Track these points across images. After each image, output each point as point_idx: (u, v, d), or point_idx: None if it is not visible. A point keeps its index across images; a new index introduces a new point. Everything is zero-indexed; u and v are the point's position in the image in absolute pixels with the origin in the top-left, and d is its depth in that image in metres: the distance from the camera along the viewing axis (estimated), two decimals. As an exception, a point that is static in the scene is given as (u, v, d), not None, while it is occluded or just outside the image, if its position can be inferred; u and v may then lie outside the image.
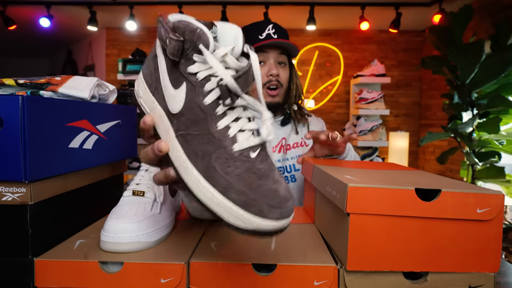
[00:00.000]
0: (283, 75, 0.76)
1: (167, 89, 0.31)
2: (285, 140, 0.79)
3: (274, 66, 0.74)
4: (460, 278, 0.39)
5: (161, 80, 0.32)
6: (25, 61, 4.37)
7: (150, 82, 0.34)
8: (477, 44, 1.49)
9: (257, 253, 0.42)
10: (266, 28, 0.74)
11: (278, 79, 0.75)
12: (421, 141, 1.73)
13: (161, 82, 0.32)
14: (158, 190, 0.47)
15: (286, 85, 0.78)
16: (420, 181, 0.42)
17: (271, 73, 0.74)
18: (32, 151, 0.40)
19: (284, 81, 0.77)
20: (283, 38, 0.74)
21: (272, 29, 0.74)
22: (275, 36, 0.73)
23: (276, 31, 0.74)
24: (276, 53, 0.75)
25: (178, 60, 0.30)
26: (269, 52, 0.74)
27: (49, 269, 0.40)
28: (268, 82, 0.75)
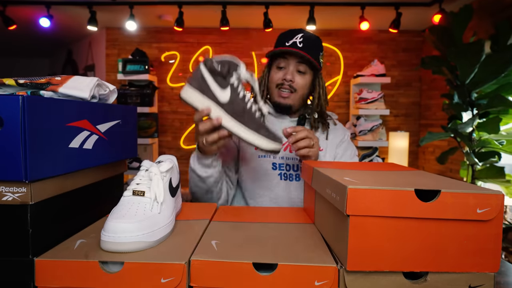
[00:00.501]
0: (299, 82, 0.81)
1: (218, 90, 0.60)
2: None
3: (290, 72, 0.80)
4: (460, 278, 0.39)
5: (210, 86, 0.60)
6: (25, 61, 4.37)
7: (200, 88, 0.60)
8: (477, 44, 1.49)
9: (257, 252, 0.42)
10: (295, 36, 0.79)
11: (292, 85, 0.80)
12: (421, 141, 1.73)
13: (211, 87, 0.60)
14: (158, 190, 0.47)
15: (302, 92, 0.83)
16: (420, 182, 0.42)
17: (285, 78, 0.79)
18: (32, 151, 0.40)
19: (300, 88, 0.81)
20: (308, 48, 0.79)
21: (301, 38, 0.79)
22: (300, 45, 0.78)
23: (303, 40, 0.79)
24: (295, 61, 0.80)
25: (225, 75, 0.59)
26: (289, 59, 0.80)
27: (50, 269, 0.40)
28: (281, 84, 0.80)
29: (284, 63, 0.80)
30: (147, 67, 2.55)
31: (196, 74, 0.60)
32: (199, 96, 0.59)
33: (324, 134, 0.87)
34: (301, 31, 0.81)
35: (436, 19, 2.26)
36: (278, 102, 0.82)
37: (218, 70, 0.58)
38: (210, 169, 0.73)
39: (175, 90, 3.01)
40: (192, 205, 0.67)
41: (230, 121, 0.59)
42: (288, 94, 0.81)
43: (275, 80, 0.82)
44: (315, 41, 0.82)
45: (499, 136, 1.67)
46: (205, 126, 0.60)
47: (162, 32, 2.97)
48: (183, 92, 0.61)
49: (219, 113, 0.59)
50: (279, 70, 0.82)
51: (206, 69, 0.60)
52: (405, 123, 3.02)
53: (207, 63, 0.60)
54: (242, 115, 0.59)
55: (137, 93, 2.56)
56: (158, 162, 0.53)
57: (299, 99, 0.83)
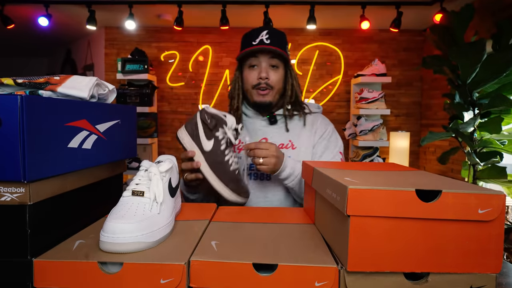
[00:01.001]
0: (274, 78, 0.82)
1: (204, 140, 0.69)
2: (265, 140, 0.84)
3: (264, 69, 0.80)
4: (462, 278, 0.39)
5: (199, 134, 0.69)
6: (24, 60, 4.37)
7: (191, 133, 0.70)
8: (478, 43, 1.49)
9: (257, 253, 0.41)
10: (260, 34, 0.80)
11: (268, 82, 0.81)
12: (422, 141, 1.72)
13: (199, 135, 0.69)
14: (158, 190, 0.47)
15: (279, 86, 0.84)
16: (421, 182, 0.42)
17: (260, 76, 0.80)
18: (31, 151, 0.40)
19: (275, 83, 0.82)
20: (276, 42, 0.80)
21: (266, 34, 0.80)
22: (267, 42, 0.79)
23: (269, 36, 0.80)
24: (267, 57, 0.81)
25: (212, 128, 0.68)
26: (260, 56, 0.81)
27: (48, 269, 0.39)
28: (258, 84, 0.81)
29: (256, 61, 0.81)
30: (146, 66, 2.55)
31: (192, 120, 0.71)
32: (189, 140, 0.69)
33: (301, 121, 0.87)
34: (266, 28, 0.82)
35: (437, 18, 2.26)
36: (258, 101, 0.83)
37: (208, 122, 0.68)
38: (195, 194, 0.79)
39: (174, 90, 3.00)
40: (191, 206, 0.66)
41: (207, 168, 0.68)
42: (266, 92, 0.81)
43: (250, 81, 0.82)
44: (280, 35, 0.83)
45: (501, 136, 1.66)
46: (186, 166, 0.69)
47: (161, 32, 2.97)
48: (179, 131, 0.71)
49: (200, 158, 0.68)
50: (252, 69, 0.82)
51: (200, 119, 0.70)
52: (406, 123, 3.01)
53: (202, 114, 0.70)
54: (218, 166, 0.68)
55: (136, 93, 2.56)
56: (158, 162, 0.53)
57: (276, 94, 0.84)
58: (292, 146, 0.85)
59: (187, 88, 3.00)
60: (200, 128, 0.69)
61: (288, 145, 0.85)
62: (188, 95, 3.01)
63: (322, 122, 0.89)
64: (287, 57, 0.82)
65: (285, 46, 0.83)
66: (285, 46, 0.84)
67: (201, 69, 2.98)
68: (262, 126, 0.87)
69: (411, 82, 3.00)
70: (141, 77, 2.57)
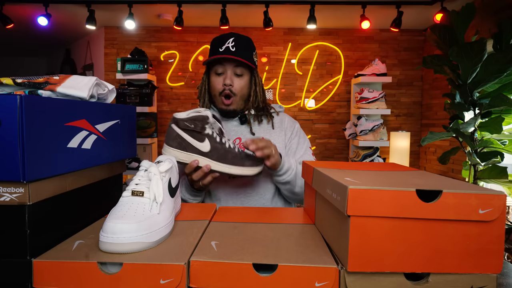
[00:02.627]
0: (238, 85, 0.85)
1: (198, 144, 0.68)
2: (239, 140, 0.87)
3: (228, 77, 0.83)
4: (462, 279, 0.39)
5: (191, 143, 0.68)
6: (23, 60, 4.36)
7: (180, 147, 0.68)
8: (479, 43, 1.48)
9: (257, 253, 0.41)
10: (227, 41, 0.82)
11: (231, 89, 0.84)
12: (422, 141, 1.72)
13: (192, 143, 0.68)
14: (157, 190, 0.47)
15: (242, 93, 0.86)
16: (421, 182, 0.42)
17: (224, 83, 0.84)
18: (30, 151, 0.39)
19: (239, 91, 0.85)
20: (241, 50, 0.83)
21: (232, 42, 0.82)
22: (233, 49, 0.82)
23: (235, 44, 0.82)
24: (232, 65, 0.84)
25: (200, 130, 0.68)
26: (226, 64, 0.83)
27: (48, 270, 0.39)
28: (223, 90, 0.84)
29: (222, 69, 0.84)
30: (146, 66, 2.54)
31: (172, 134, 0.68)
32: (183, 154, 0.67)
33: (270, 125, 0.91)
34: (232, 35, 0.84)
35: (438, 18, 2.25)
36: (223, 108, 0.87)
37: (192, 127, 0.67)
38: (199, 197, 0.81)
39: (174, 90, 3.00)
40: (191, 206, 0.66)
41: (217, 165, 0.68)
42: (230, 101, 0.85)
43: (216, 88, 0.86)
44: (246, 42, 0.86)
45: (502, 136, 1.66)
46: (198, 175, 0.69)
47: (161, 31, 2.96)
48: (166, 152, 0.68)
49: (205, 161, 0.68)
50: (218, 76, 0.85)
51: (180, 129, 0.67)
52: (407, 123, 3.01)
53: (180, 123, 0.67)
54: (225, 157, 0.69)
55: (136, 93, 2.56)
56: (157, 162, 0.53)
57: (240, 100, 0.87)
58: None
59: (187, 88, 3.00)
60: (187, 137, 0.67)
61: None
62: (188, 95, 3.01)
63: (289, 121, 0.94)
64: (251, 66, 0.84)
65: (250, 53, 0.86)
66: (251, 53, 0.86)
67: (201, 69, 2.98)
68: (234, 126, 0.90)
69: (412, 82, 2.99)
70: (140, 77, 2.57)
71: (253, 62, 0.85)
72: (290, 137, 0.91)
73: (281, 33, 2.94)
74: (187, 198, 0.80)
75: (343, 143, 2.99)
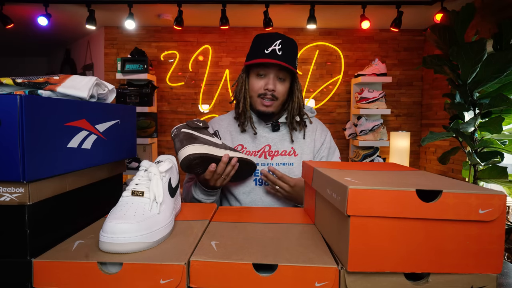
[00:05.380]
0: (280, 90, 0.83)
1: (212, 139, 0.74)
2: (269, 147, 0.86)
3: (271, 82, 0.81)
4: (462, 279, 0.39)
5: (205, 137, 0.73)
6: (23, 60, 4.36)
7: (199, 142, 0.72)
8: (479, 43, 1.48)
9: (257, 253, 0.41)
10: (274, 43, 0.79)
11: (274, 94, 0.82)
12: (422, 141, 1.72)
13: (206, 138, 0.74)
14: (157, 190, 0.47)
15: (283, 98, 0.85)
16: (421, 182, 0.42)
17: (267, 87, 0.81)
18: (30, 151, 0.39)
19: (281, 95, 0.83)
20: (287, 55, 0.80)
21: (279, 45, 0.79)
22: (279, 53, 0.79)
23: (282, 47, 0.79)
24: (276, 69, 0.81)
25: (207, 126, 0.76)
26: (270, 67, 0.81)
27: (48, 270, 0.39)
28: (264, 94, 0.82)
29: (264, 71, 0.82)
30: (146, 66, 2.54)
31: (186, 137, 0.70)
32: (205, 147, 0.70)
33: (301, 134, 0.89)
34: (279, 36, 0.81)
35: (438, 18, 2.25)
36: (262, 111, 0.84)
37: (201, 126, 0.73)
38: (214, 196, 0.80)
39: (174, 90, 3.00)
40: (191, 206, 0.66)
41: (232, 153, 0.74)
42: (270, 103, 0.83)
43: (256, 90, 0.83)
44: (292, 46, 0.83)
45: (502, 136, 1.66)
46: (221, 168, 0.71)
47: (161, 31, 2.96)
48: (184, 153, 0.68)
49: (223, 152, 0.73)
50: (259, 78, 0.83)
51: (192, 129, 0.72)
52: (407, 123, 3.01)
53: (190, 124, 0.73)
54: (229, 147, 0.76)
55: (136, 93, 2.56)
56: (157, 162, 0.53)
57: (280, 105, 0.85)
58: (295, 153, 0.87)
59: (187, 88, 3.00)
60: (201, 135, 0.72)
61: (291, 152, 0.87)
62: (188, 95, 3.00)
63: (320, 130, 0.92)
64: (294, 71, 0.82)
65: (295, 58, 0.83)
66: (295, 57, 0.83)
67: (201, 69, 2.98)
68: (265, 132, 0.88)
69: (412, 82, 2.99)
70: (140, 77, 2.57)
71: (295, 67, 0.83)
72: (320, 148, 0.89)
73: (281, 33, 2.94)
74: (202, 199, 0.79)
75: (343, 143, 2.99)
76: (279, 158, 0.85)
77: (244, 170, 0.78)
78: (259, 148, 0.86)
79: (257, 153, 0.85)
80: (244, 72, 0.86)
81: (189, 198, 0.82)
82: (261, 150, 0.85)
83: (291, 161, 0.85)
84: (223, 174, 0.72)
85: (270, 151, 0.85)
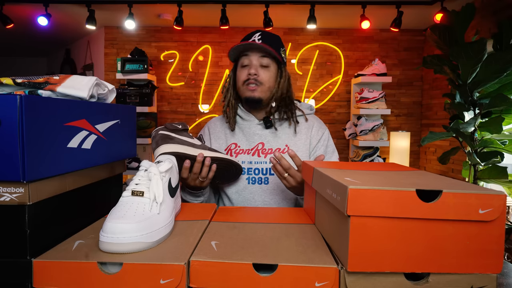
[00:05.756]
0: (264, 76, 0.83)
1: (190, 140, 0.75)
2: (262, 145, 0.86)
3: (253, 67, 0.82)
4: (462, 279, 0.39)
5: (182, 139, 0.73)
6: (23, 60, 4.36)
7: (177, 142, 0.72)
8: (479, 43, 1.48)
9: (257, 253, 0.41)
10: (253, 36, 0.83)
11: (257, 78, 0.82)
12: (422, 141, 1.72)
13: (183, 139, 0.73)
14: (157, 190, 0.47)
15: (269, 84, 0.84)
16: (421, 182, 0.42)
17: (249, 73, 0.82)
18: (30, 151, 0.39)
19: (265, 81, 0.83)
20: (268, 42, 0.81)
21: (259, 35, 0.82)
22: (259, 42, 0.81)
23: (261, 37, 0.82)
24: (257, 56, 0.82)
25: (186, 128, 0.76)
26: (251, 55, 0.83)
27: (48, 270, 0.39)
28: (247, 80, 0.83)
29: (247, 61, 0.83)
30: (146, 66, 2.54)
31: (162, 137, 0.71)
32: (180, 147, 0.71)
33: (291, 129, 0.87)
34: (260, 31, 0.84)
35: (438, 18, 2.25)
36: (248, 96, 0.83)
37: (180, 128, 0.73)
38: (201, 197, 0.81)
39: (174, 90, 3.00)
40: (191, 206, 0.66)
41: (211, 153, 0.74)
42: (254, 87, 0.82)
43: (241, 78, 0.84)
44: (274, 37, 0.85)
45: (502, 136, 1.66)
46: (196, 168, 0.71)
47: (161, 31, 2.96)
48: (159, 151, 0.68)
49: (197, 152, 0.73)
50: (244, 68, 0.84)
51: (170, 131, 0.72)
52: (407, 123, 3.01)
53: (168, 126, 0.73)
54: (215, 150, 0.76)
55: (136, 93, 2.56)
56: (158, 162, 0.53)
57: (267, 91, 0.84)
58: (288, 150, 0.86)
59: (187, 88, 3.00)
60: (178, 136, 0.72)
61: (285, 150, 0.86)
62: (188, 95, 3.00)
63: (317, 127, 0.89)
64: (277, 56, 0.82)
65: (278, 47, 0.84)
66: (278, 48, 0.84)
67: (201, 69, 2.98)
68: (258, 130, 0.87)
69: (412, 82, 2.99)
70: (140, 77, 2.57)
71: (281, 56, 0.83)
72: (316, 146, 0.87)
73: (281, 33, 2.94)
74: (189, 200, 0.80)
75: (343, 143, 2.99)
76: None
77: (230, 171, 0.79)
78: (253, 146, 0.86)
79: (251, 151, 0.85)
80: (232, 71, 0.89)
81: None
82: (254, 148, 0.85)
83: (285, 158, 0.83)
84: (200, 175, 0.72)
85: (263, 148, 0.85)
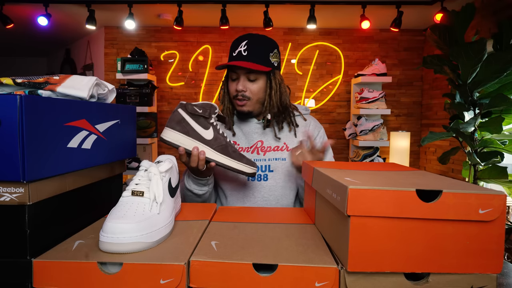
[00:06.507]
0: (252, 89, 0.84)
1: (202, 130, 0.68)
2: (261, 143, 0.87)
3: (241, 83, 0.83)
4: (462, 279, 0.39)
5: (194, 128, 0.68)
6: (23, 60, 4.36)
7: (183, 131, 0.67)
8: (479, 43, 1.48)
9: (258, 253, 0.41)
10: (240, 45, 0.82)
11: (245, 94, 0.84)
12: (422, 141, 1.72)
13: (195, 129, 0.68)
14: (157, 190, 0.47)
15: (258, 97, 0.85)
16: (421, 182, 0.42)
17: (237, 89, 0.83)
18: (30, 151, 0.39)
19: (254, 95, 0.84)
20: (254, 55, 0.81)
21: (245, 45, 0.81)
22: (245, 54, 0.80)
23: (248, 48, 0.81)
24: (244, 71, 0.82)
25: (208, 116, 0.69)
26: (238, 70, 0.83)
27: (48, 270, 0.39)
28: (236, 96, 0.84)
29: (235, 75, 0.84)
30: (146, 66, 2.54)
31: (176, 118, 0.67)
32: (184, 137, 0.67)
33: (292, 133, 0.89)
34: (247, 37, 0.82)
35: (438, 18, 2.25)
36: (238, 110, 0.87)
37: (200, 112, 0.68)
38: (206, 186, 0.79)
39: (174, 90, 3.00)
40: (191, 206, 0.66)
41: (216, 154, 0.68)
42: (243, 103, 0.84)
43: (231, 93, 0.86)
44: (260, 43, 0.83)
45: (502, 135, 1.66)
46: (194, 163, 0.68)
47: (161, 31, 2.97)
48: (167, 134, 0.66)
49: (204, 148, 0.68)
50: (233, 82, 0.85)
51: (187, 113, 0.67)
52: (407, 123, 3.01)
53: (187, 107, 0.67)
54: (225, 149, 0.69)
55: (136, 93, 2.56)
56: (157, 162, 0.53)
57: (256, 103, 0.86)
58: (287, 148, 0.87)
59: (187, 88, 3.00)
60: (192, 122, 0.67)
61: (283, 148, 0.87)
62: (188, 95, 3.00)
63: (313, 126, 0.92)
64: (264, 70, 0.81)
65: (266, 55, 0.82)
66: (267, 54, 0.83)
67: (201, 69, 2.98)
68: (257, 129, 0.89)
69: (412, 82, 2.99)
70: (140, 77, 2.57)
71: (268, 64, 0.82)
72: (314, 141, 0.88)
73: (281, 33, 2.94)
74: (194, 189, 0.78)
75: (343, 143, 2.99)
76: (272, 154, 0.86)
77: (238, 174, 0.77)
78: (252, 144, 0.87)
79: (250, 149, 0.87)
80: (225, 77, 0.90)
81: (182, 191, 0.81)
82: (253, 146, 0.87)
83: (284, 156, 0.86)
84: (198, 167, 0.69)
85: (262, 146, 0.87)
